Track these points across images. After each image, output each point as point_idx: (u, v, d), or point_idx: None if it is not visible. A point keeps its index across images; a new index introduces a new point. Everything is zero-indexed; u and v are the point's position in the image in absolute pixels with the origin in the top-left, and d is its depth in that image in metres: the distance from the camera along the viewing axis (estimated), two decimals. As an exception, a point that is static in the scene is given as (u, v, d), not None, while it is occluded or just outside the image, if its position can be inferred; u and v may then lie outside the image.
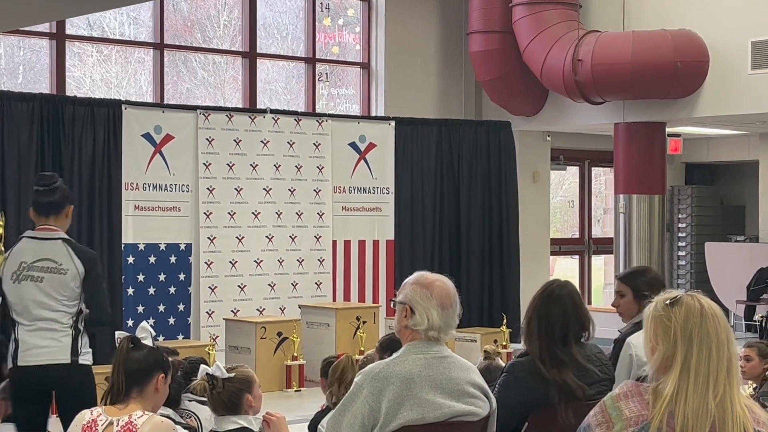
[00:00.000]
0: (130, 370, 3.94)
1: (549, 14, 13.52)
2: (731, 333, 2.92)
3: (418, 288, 4.00)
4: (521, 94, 14.35)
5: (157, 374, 3.99)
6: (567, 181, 17.94)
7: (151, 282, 11.65)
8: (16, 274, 6.00)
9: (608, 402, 2.93)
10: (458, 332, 11.91)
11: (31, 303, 5.95)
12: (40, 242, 6.07)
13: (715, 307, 2.92)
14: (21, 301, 5.97)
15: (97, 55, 12.76)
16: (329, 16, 14.34)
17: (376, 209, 13.37)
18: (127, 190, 11.46)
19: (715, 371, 2.82)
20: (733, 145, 17.05)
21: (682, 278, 17.29)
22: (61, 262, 6.01)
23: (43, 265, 6.00)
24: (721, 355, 2.84)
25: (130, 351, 3.97)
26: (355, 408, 3.83)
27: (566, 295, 4.57)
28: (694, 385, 2.81)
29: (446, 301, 3.99)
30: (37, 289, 5.96)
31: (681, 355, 2.83)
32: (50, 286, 5.97)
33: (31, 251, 6.04)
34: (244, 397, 4.46)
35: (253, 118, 12.39)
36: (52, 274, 5.99)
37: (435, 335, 3.97)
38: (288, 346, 11.11)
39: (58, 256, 6.03)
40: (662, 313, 2.91)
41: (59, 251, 6.05)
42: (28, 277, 5.98)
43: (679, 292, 2.97)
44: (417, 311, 3.96)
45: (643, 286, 5.19)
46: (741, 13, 12.84)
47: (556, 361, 4.42)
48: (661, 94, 13.18)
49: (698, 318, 2.86)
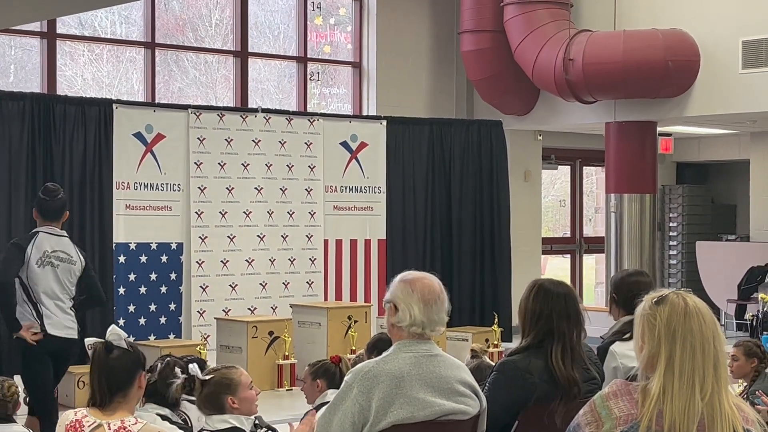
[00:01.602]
0: (112, 376, 3.91)
1: (540, 13, 13.53)
2: (718, 331, 2.91)
3: (401, 284, 4.01)
4: (513, 93, 14.37)
5: (137, 374, 3.97)
6: (558, 180, 17.96)
7: (142, 281, 11.63)
8: (41, 260, 7.46)
9: (597, 401, 2.93)
10: (449, 331, 11.93)
11: (52, 284, 7.49)
12: (57, 238, 7.58)
13: (702, 305, 2.92)
14: (46, 281, 7.47)
15: (88, 54, 12.75)
16: (321, 15, 14.34)
17: (368, 208, 13.37)
18: (118, 189, 11.44)
19: (701, 369, 2.82)
20: (724, 145, 17.08)
21: (673, 277, 17.32)
22: (71, 255, 7.61)
23: (59, 255, 7.53)
24: (706, 354, 2.84)
25: (107, 357, 3.93)
26: (345, 407, 3.83)
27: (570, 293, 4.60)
28: (679, 383, 2.81)
29: (429, 297, 3.97)
30: (54, 273, 7.49)
31: (665, 353, 2.83)
32: (63, 272, 7.54)
33: (49, 243, 7.51)
34: (224, 399, 4.44)
35: (244, 118, 12.39)
36: (64, 263, 7.56)
37: (418, 331, 3.96)
38: (279, 345, 11.11)
39: (68, 250, 7.61)
40: (648, 311, 2.91)
41: (69, 246, 7.64)
42: (49, 264, 7.48)
43: (667, 290, 2.97)
44: (400, 308, 3.97)
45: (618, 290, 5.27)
46: (732, 13, 12.86)
47: (574, 356, 4.42)
48: (652, 94, 13.20)
49: (682, 316, 2.86)
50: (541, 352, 4.41)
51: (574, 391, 4.34)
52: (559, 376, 4.34)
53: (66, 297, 7.53)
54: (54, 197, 7.66)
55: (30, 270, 7.42)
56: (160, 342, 11.02)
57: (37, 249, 7.45)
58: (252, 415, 4.56)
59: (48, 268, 7.45)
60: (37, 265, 7.42)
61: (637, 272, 5.54)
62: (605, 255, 14.61)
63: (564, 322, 4.45)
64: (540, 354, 4.41)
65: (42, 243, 7.47)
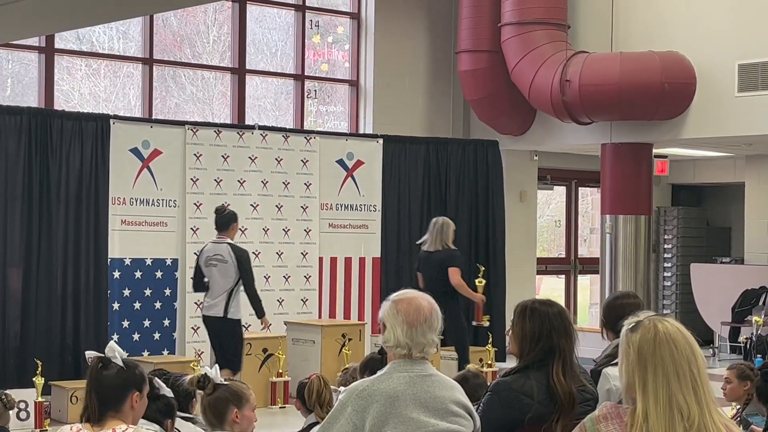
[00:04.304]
0: (103, 391, 3.89)
1: (537, 35, 13.57)
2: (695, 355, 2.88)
3: (388, 304, 4.01)
4: (509, 113, 14.40)
5: (130, 393, 3.92)
6: (554, 200, 17.97)
7: (136, 297, 11.62)
8: (205, 263, 10.11)
9: (588, 424, 2.94)
10: (443, 350, 11.91)
11: (213, 279, 10.05)
12: (215, 245, 10.13)
13: (673, 331, 2.90)
14: (210, 277, 10.08)
15: (85, 69, 12.77)
16: (319, 33, 14.38)
17: (363, 226, 13.38)
18: (114, 205, 11.44)
19: (679, 394, 2.81)
20: (719, 167, 17.11)
21: (668, 299, 17.32)
22: (225, 257, 10.01)
23: (216, 258, 10.05)
24: (682, 380, 2.83)
25: (101, 372, 3.92)
26: (339, 425, 3.83)
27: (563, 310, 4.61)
28: (655, 410, 2.81)
29: (414, 318, 3.95)
30: (215, 270, 10.03)
31: (640, 381, 2.85)
32: (218, 270, 10.02)
33: (211, 250, 10.13)
34: (229, 409, 4.45)
35: (241, 134, 12.40)
36: (220, 263, 10.01)
37: (402, 352, 3.95)
38: (273, 362, 11.10)
39: (223, 253, 10.03)
40: (623, 339, 2.93)
41: (224, 250, 10.03)
42: (210, 265, 10.07)
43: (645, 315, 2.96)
44: (386, 328, 3.98)
45: (606, 314, 5.31)
46: (728, 36, 12.91)
47: (573, 374, 4.42)
48: (648, 116, 13.24)
49: (651, 345, 2.86)
50: (542, 371, 4.41)
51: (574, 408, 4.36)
52: (560, 392, 4.35)
53: (221, 288, 10.03)
54: (221, 213, 10.17)
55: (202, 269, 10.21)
56: (153, 358, 11.01)
57: (203, 255, 10.18)
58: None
59: (211, 267, 10.07)
60: (204, 265, 10.13)
61: (625, 295, 5.55)
62: (600, 276, 14.61)
63: (564, 340, 4.46)
64: (539, 374, 4.41)
65: (206, 251, 10.16)
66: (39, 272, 10.97)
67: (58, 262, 11.13)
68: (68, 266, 11.20)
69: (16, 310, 10.86)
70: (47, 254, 11.03)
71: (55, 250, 11.09)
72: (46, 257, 11.02)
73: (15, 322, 10.84)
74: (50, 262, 11.05)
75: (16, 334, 10.83)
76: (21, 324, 10.86)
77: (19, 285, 10.89)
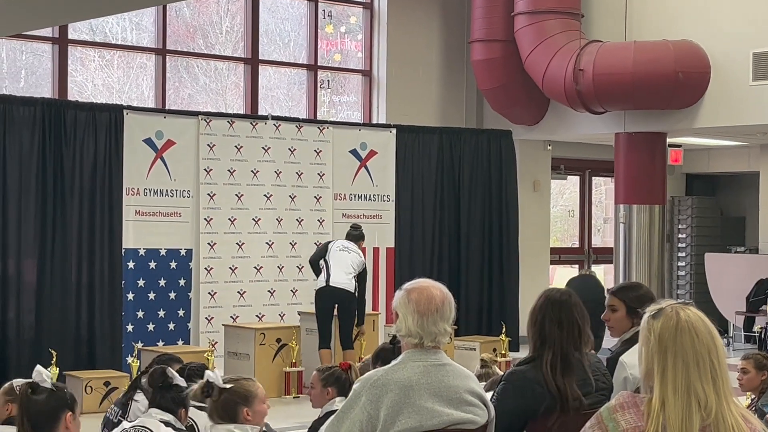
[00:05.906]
0: (36, 417, 3.85)
1: (551, 24, 13.54)
2: (715, 345, 2.88)
3: (401, 293, 4.00)
4: (522, 103, 14.37)
5: (63, 414, 3.87)
6: (567, 190, 17.94)
7: (151, 287, 11.65)
8: (337, 249, 11.19)
9: (605, 413, 2.93)
10: (457, 340, 11.92)
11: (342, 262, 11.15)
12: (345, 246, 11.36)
13: (695, 319, 2.89)
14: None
15: (99, 60, 12.79)
16: (332, 23, 14.37)
17: (377, 216, 13.38)
18: (128, 195, 11.47)
19: (698, 384, 2.81)
20: (733, 156, 17.06)
21: (682, 288, 17.28)
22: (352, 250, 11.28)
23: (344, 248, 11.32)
24: (701, 369, 2.82)
25: (31, 398, 3.88)
26: (354, 415, 3.83)
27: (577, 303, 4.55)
28: (674, 398, 2.81)
29: (425, 308, 3.93)
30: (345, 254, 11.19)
31: (659, 368, 2.84)
32: (348, 257, 11.18)
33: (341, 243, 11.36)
34: (239, 410, 4.44)
35: (254, 125, 12.41)
36: (348, 253, 11.18)
37: (414, 341, 3.94)
38: (287, 352, 11.11)
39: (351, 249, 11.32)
40: (645, 325, 2.92)
41: (353, 248, 11.32)
42: (341, 251, 11.19)
43: (667, 302, 2.96)
44: (398, 317, 3.98)
45: (635, 302, 5.13)
46: (742, 25, 12.86)
47: (567, 366, 4.38)
48: (662, 105, 13.19)
49: (672, 332, 2.86)
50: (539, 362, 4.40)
51: (572, 404, 4.32)
52: (550, 387, 4.31)
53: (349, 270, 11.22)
54: (357, 229, 11.61)
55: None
56: (168, 348, 11.03)
57: (332, 245, 11.34)
58: (259, 427, 4.55)
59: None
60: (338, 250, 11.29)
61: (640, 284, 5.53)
62: (614, 266, 14.59)
63: (555, 329, 4.41)
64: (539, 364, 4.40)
65: (335, 242, 11.42)
66: (53, 263, 11.00)
67: (73, 252, 11.16)
68: (82, 257, 11.23)
69: (31, 300, 10.89)
70: (61, 245, 11.06)
71: (69, 241, 11.11)
72: (60, 248, 11.05)
73: (30, 312, 10.87)
74: (65, 253, 11.08)
75: (31, 325, 10.86)
76: (36, 315, 10.89)
77: (34, 276, 10.93)
